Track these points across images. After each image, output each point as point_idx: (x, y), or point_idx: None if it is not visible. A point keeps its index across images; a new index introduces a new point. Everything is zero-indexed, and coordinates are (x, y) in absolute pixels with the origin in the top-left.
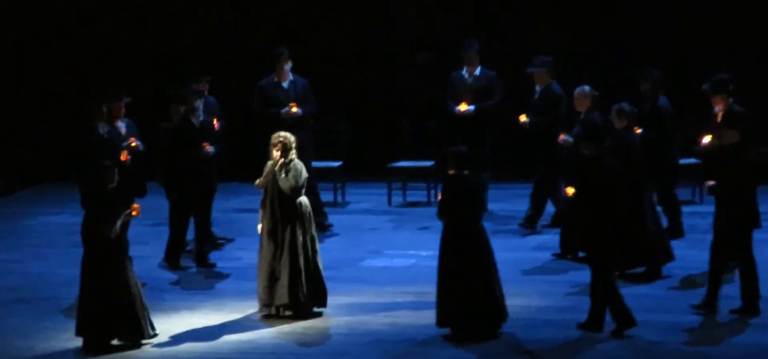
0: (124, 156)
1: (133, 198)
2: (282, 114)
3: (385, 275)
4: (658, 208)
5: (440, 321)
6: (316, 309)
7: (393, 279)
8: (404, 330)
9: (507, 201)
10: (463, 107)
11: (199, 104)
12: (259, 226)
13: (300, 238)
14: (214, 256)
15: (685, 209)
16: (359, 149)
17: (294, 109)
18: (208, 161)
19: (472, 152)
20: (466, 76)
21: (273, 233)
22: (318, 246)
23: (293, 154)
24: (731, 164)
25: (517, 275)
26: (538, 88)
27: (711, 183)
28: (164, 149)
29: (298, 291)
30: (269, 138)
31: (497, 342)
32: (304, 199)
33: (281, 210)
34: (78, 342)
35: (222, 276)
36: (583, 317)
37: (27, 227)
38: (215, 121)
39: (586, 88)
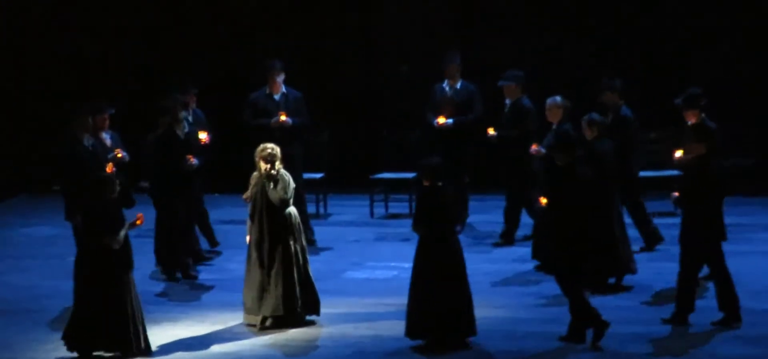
0: (110, 168)
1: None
2: (271, 123)
3: (367, 287)
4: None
5: (410, 332)
6: (309, 317)
7: (375, 291)
8: (386, 341)
9: (487, 213)
10: (441, 120)
11: (185, 115)
12: (248, 237)
13: (291, 249)
14: (201, 268)
15: (667, 221)
16: (341, 161)
17: (283, 118)
18: (193, 173)
19: (452, 165)
20: (447, 89)
21: (261, 244)
22: (308, 255)
23: (278, 165)
24: (696, 176)
25: (495, 287)
26: (508, 101)
27: (676, 194)
28: (149, 160)
29: (293, 302)
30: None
31: (470, 353)
32: (292, 209)
33: (270, 221)
34: (62, 353)
35: (206, 287)
36: (563, 329)
37: (5, 238)
38: (204, 134)
39: (558, 98)
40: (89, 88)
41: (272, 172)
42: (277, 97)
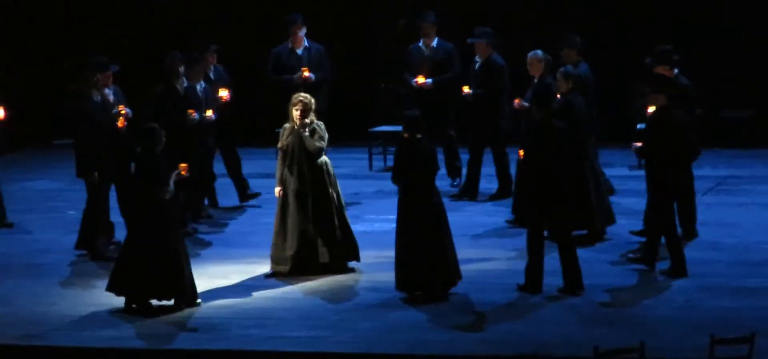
0: (121, 122)
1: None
2: (294, 79)
3: (365, 239)
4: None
5: (399, 284)
6: (350, 264)
7: (373, 243)
8: (382, 293)
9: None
10: (420, 80)
11: (201, 70)
12: (277, 189)
13: (330, 196)
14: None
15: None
16: (339, 114)
17: (306, 74)
18: (201, 128)
19: (435, 123)
20: (423, 48)
21: (301, 194)
22: (343, 200)
23: (312, 115)
24: (656, 126)
25: (471, 239)
26: (477, 58)
27: (638, 144)
28: (148, 116)
29: (336, 250)
30: (281, 103)
31: (447, 304)
32: (326, 158)
33: (309, 171)
34: (58, 307)
35: (209, 242)
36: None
37: (5, 193)
38: (225, 91)
39: (539, 52)
40: (87, 42)
41: (307, 121)
42: (299, 51)
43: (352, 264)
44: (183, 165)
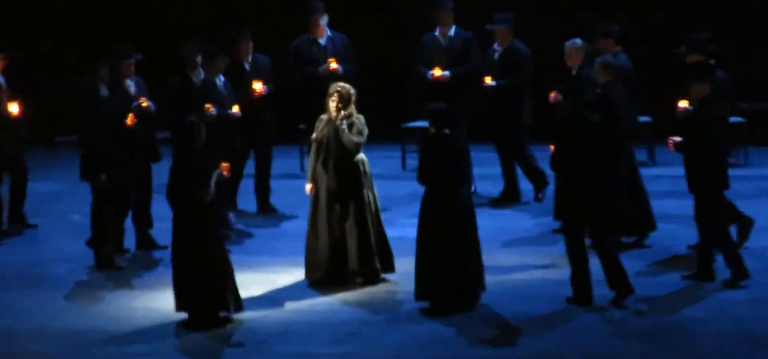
0: (130, 119)
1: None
2: (320, 71)
3: (398, 246)
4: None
5: (419, 294)
6: (384, 276)
7: (407, 250)
8: (416, 305)
9: (490, 165)
10: (437, 73)
11: (210, 60)
12: (309, 186)
13: (365, 199)
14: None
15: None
16: (369, 109)
17: (333, 65)
18: (224, 125)
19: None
20: (440, 38)
21: (336, 194)
22: (379, 203)
23: (352, 107)
24: (698, 118)
25: (514, 245)
26: (496, 46)
27: (677, 138)
28: (167, 111)
29: (369, 257)
30: (305, 100)
31: (475, 315)
32: (363, 155)
33: (345, 167)
34: (65, 321)
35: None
36: (569, 290)
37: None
38: (259, 84)
39: (578, 41)
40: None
41: (345, 113)
42: (322, 41)
43: (386, 275)
44: (225, 164)
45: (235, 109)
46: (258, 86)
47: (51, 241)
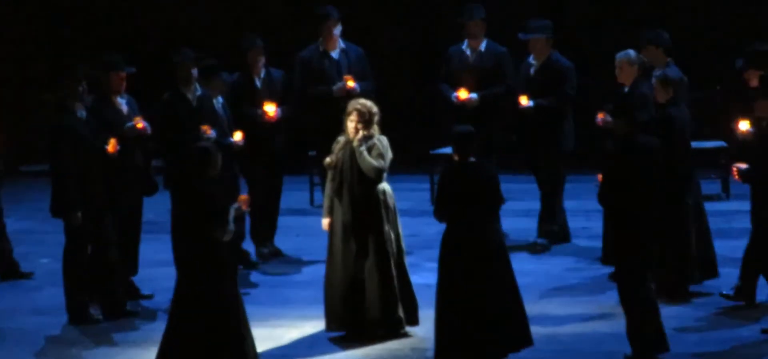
0: (112, 146)
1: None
2: (334, 91)
3: (424, 294)
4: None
5: (439, 352)
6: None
7: (432, 300)
8: None
9: (522, 200)
10: (463, 95)
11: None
12: (325, 221)
13: (385, 235)
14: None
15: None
16: (394, 134)
17: (350, 83)
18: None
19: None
20: (468, 52)
21: (351, 228)
22: (403, 244)
23: (375, 127)
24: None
25: (566, 292)
26: (532, 59)
27: (741, 165)
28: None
29: (392, 304)
30: (314, 122)
31: None
32: (386, 185)
33: (363, 198)
34: None
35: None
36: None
37: None
38: (271, 106)
39: (631, 52)
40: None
41: (366, 134)
42: (334, 54)
43: (409, 328)
44: (243, 197)
45: (238, 136)
46: (271, 109)
47: (17, 289)
